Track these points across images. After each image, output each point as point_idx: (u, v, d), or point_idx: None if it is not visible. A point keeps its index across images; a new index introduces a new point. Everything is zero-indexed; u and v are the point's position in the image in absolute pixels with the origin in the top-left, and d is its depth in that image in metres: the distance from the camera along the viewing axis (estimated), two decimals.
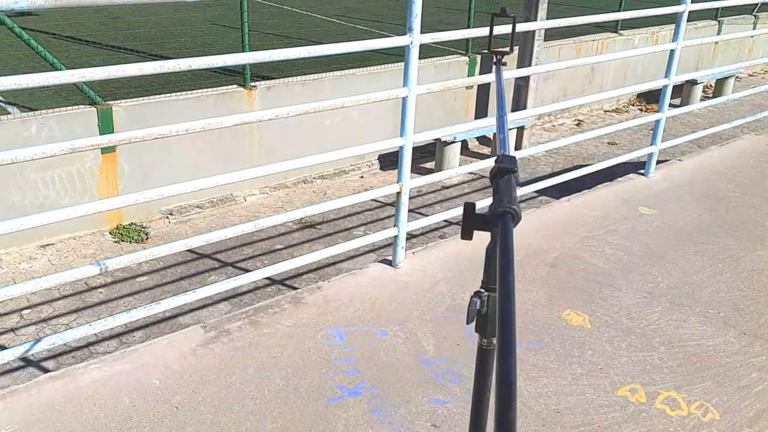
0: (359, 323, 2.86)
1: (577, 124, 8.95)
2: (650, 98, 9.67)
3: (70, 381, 2.42)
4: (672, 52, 4.14)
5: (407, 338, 2.78)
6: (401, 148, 3.04)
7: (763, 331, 2.92)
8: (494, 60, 1.65)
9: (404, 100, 2.97)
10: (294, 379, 2.52)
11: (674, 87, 9.97)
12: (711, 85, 10.68)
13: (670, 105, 4.54)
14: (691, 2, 3.98)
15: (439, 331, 2.84)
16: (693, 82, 9.72)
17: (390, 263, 3.32)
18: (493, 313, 1.10)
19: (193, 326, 2.81)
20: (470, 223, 1.07)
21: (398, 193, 3.15)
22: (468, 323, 1.07)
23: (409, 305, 2.99)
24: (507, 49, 1.66)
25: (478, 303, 1.07)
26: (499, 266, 0.89)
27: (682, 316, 3.01)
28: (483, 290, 1.08)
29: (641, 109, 9.58)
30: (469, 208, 1.07)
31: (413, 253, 3.43)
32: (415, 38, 2.88)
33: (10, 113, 5.89)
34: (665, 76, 4.23)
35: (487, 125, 3.71)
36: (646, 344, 2.81)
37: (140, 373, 2.50)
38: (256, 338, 2.74)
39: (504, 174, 1.03)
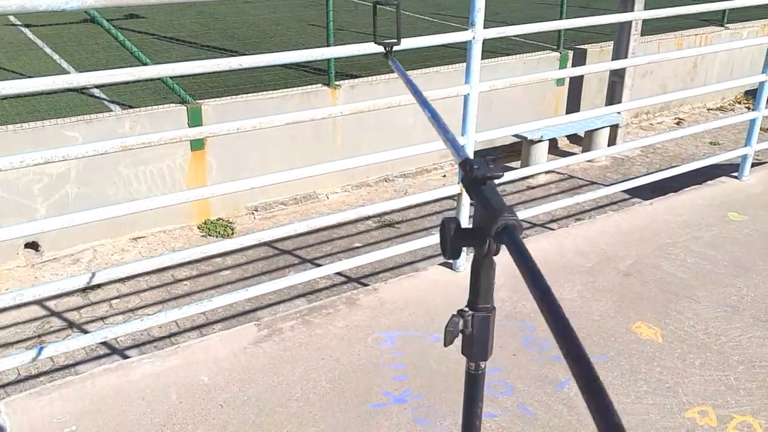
0: (412, 328, 2.79)
1: (677, 123, 8.46)
2: None
3: (123, 374, 2.48)
4: None
5: (459, 345, 2.68)
6: (462, 147, 2.94)
7: None
8: (384, 52, 1.52)
9: (466, 98, 2.87)
10: (340, 383, 2.48)
11: None
12: None
13: None
14: None
15: (495, 339, 2.71)
16: None
17: (450, 267, 3.22)
18: (480, 333, 1.01)
19: (246, 324, 2.83)
20: (458, 240, 0.98)
21: (459, 194, 3.05)
22: (446, 345, 0.98)
23: None
24: (395, 39, 1.52)
25: (461, 323, 0.98)
26: (536, 293, 0.79)
27: (766, 333, 2.75)
28: (467, 309, 0.99)
29: (748, 107, 8.96)
30: (454, 223, 0.98)
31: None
32: (478, 33, 2.77)
33: (112, 110, 6.19)
34: (762, 72, 3.89)
35: (555, 124, 3.54)
36: (723, 362, 2.59)
37: (190, 369, 2.53)
38: (307, 339, 2.72)
39: (484, 181, 0.93)
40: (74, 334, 4.89)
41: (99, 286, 5.45)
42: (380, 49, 1.53)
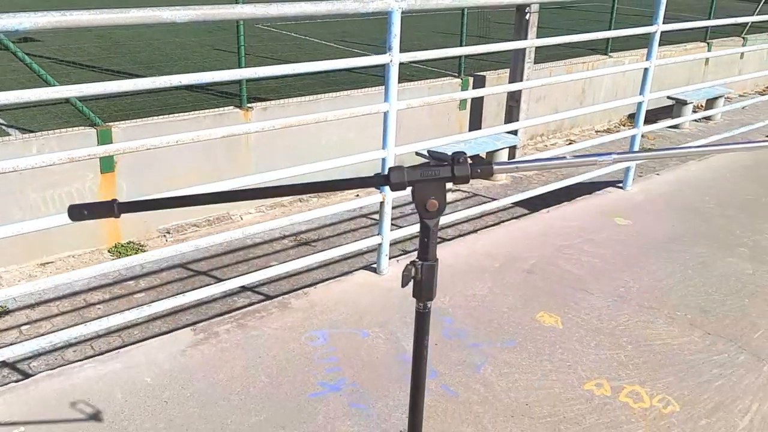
0: (342, 326, 3.01)
1: (569, 144, 9.13)
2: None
3: (66, 379, 2.57)
4: (646, 71, 4.33)
5: (388, 339, 2.93)
6: (383, 160, 3.21)
7: (727, 331, 3.07)
8: None
9: (385, 114, 3.15)
10: (278, 377, 2.66)
11: (665, 107, 10.11)
12: (701, 105, 10.88)
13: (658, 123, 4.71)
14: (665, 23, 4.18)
15: None
16: (683, 102, 9.91)
17: (375, 270, 3.48)
18: (427, 278, 1.25)
19: (183, 329, 2.96)
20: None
21: (381, 203, 3.32)
22: (403, 287, 1.22)
23: (390, 309, 3.14)
24: None
25: (413, 270, 1.22)
26: None
27: (650, 317, 3.16)
28: (417, 260, 1.24)
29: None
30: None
31: (397, 261, 3.59)
32: (395, 57, 3.07)
33: (11, 135, 6.09)
34: (640, 94, 4.41)
35: (461, 140, 3.88)
36: (614, 343, 2.96)
37: (133, 371, 2.64)
38: (243, 340, 2.89)
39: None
40: None
41: (8, 312, 5.33)
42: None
